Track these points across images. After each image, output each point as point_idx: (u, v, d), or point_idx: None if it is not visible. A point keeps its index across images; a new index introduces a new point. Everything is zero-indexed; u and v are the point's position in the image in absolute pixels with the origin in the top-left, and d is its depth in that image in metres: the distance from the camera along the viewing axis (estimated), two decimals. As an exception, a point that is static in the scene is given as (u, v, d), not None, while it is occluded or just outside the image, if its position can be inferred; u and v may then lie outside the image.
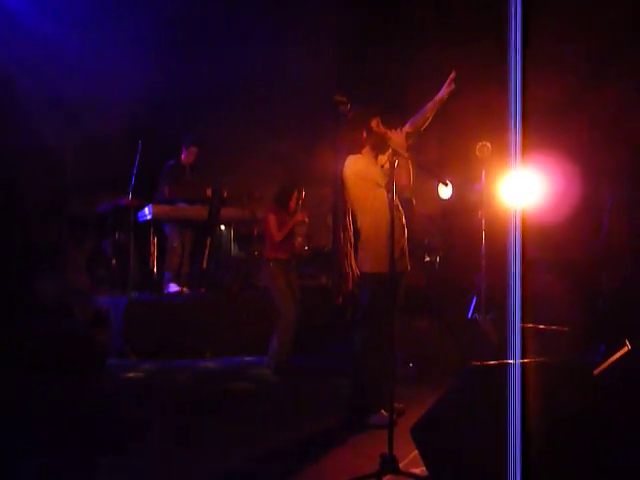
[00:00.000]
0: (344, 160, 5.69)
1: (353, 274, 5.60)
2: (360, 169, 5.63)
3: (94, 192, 9.83)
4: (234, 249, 10.31)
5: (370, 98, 8.65)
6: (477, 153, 8.35)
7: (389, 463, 4.22)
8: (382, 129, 5.61)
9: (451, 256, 9.38)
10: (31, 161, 9.44)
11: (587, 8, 8.70)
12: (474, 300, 8.43)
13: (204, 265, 9.65)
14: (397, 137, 5.64)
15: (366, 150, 5.67)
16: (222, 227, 10.06)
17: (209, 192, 9.57)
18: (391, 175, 4.83)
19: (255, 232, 9.86)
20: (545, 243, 8.16)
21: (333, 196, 7.71)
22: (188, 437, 5.35)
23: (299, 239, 8.13)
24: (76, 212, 10.03)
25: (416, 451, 4.15)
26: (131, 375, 7.52)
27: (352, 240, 5.63)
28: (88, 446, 5.06)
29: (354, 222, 5.67)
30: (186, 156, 9.66)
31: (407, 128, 5.80)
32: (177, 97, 10.39)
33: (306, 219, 7.96)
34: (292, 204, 7.79)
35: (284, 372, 7.51)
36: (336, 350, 8.12)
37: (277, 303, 7.61)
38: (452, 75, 5.73)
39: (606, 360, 4.36)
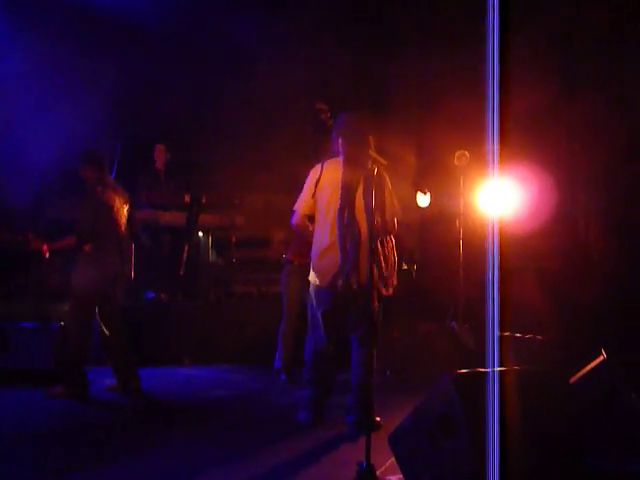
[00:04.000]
0: (322, 162, 5.70)
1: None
2: (336, 176, 5.62)
3: (70, 197, 9.74)
4: (212, 256, 10.27)
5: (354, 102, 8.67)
6: (455, 162, 8.39)
7: (366, 471, 4.21)
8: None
9: (429, 265, 9.40)
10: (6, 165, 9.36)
11: (565, 18, 8.79)
12: (451, 308, 8.46)
13: (181, 272, 9.60)
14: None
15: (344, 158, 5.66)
16: (200, 234, 10.01)
17: (187, 198, 9.53)
18: (370, 182, 4.82)
19: (233, 239, 9.83)
20: (523, 252, 8.20)
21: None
22: (167, 444, 5.33)
23: None
24: (51, 217, 9.92)
25: (393, 459, 4.16)
26: (108, 382, 7.46)
27: None
28: (70, 454, 5.04)
29: None
30: (157, 156, 9.61)
31: None
32: (157, 100, 10.35)
33: None
34: None
35: (290, 378, 7.50)
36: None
37: (284, 305, 7.59)
38: None
39: (582, 369, 4.39)
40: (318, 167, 5.69)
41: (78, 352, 6.72)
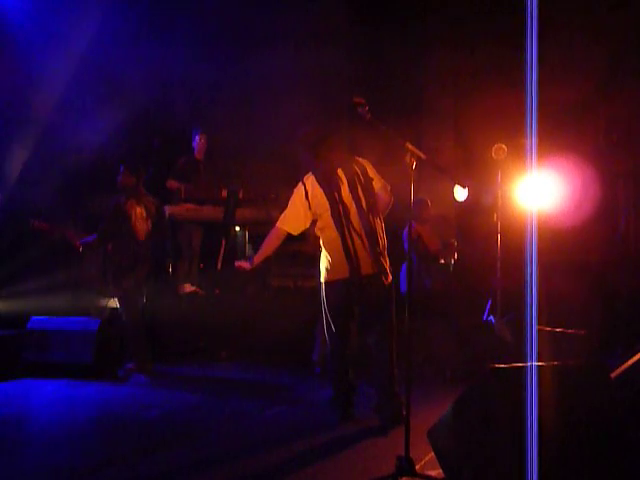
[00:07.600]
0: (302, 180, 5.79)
1: None
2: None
3: (109, 192, 9.83)
4: (249, 250, 10.30)
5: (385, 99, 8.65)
6: (493, 155, 8.34)
7: (405, 465, 4.22)
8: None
9: (466, 258, 9.36)
10: (46, 161, 9.46)
11: (603, 11, 8.71)
12: (489, 302, 8.41)
13: (219, 266, 9.65)
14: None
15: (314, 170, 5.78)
16: (237, 228, 10.05)
17: (225, 193, 9.56)
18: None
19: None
20: (561, 245, 8.14)
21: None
22: (203, 438, 5.38)
23: None
24: (91, 212, 10.02)
25: (432, 453, 4.15)
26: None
27: None
28: (104, 447, 5.10)
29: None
30: (197, 145, 9.64)
31: None
32: (193, 98, 10.40)
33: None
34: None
35: (325, 371, 7.49)
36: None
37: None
38: None
39: (623, 363, 4.35)
40: (301, 185, 5.78)
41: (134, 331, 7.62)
